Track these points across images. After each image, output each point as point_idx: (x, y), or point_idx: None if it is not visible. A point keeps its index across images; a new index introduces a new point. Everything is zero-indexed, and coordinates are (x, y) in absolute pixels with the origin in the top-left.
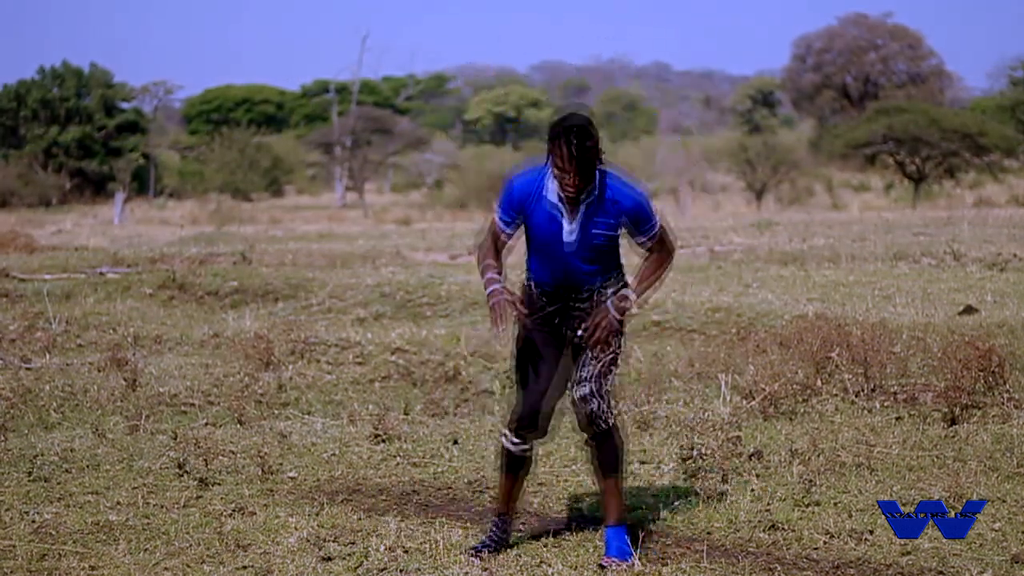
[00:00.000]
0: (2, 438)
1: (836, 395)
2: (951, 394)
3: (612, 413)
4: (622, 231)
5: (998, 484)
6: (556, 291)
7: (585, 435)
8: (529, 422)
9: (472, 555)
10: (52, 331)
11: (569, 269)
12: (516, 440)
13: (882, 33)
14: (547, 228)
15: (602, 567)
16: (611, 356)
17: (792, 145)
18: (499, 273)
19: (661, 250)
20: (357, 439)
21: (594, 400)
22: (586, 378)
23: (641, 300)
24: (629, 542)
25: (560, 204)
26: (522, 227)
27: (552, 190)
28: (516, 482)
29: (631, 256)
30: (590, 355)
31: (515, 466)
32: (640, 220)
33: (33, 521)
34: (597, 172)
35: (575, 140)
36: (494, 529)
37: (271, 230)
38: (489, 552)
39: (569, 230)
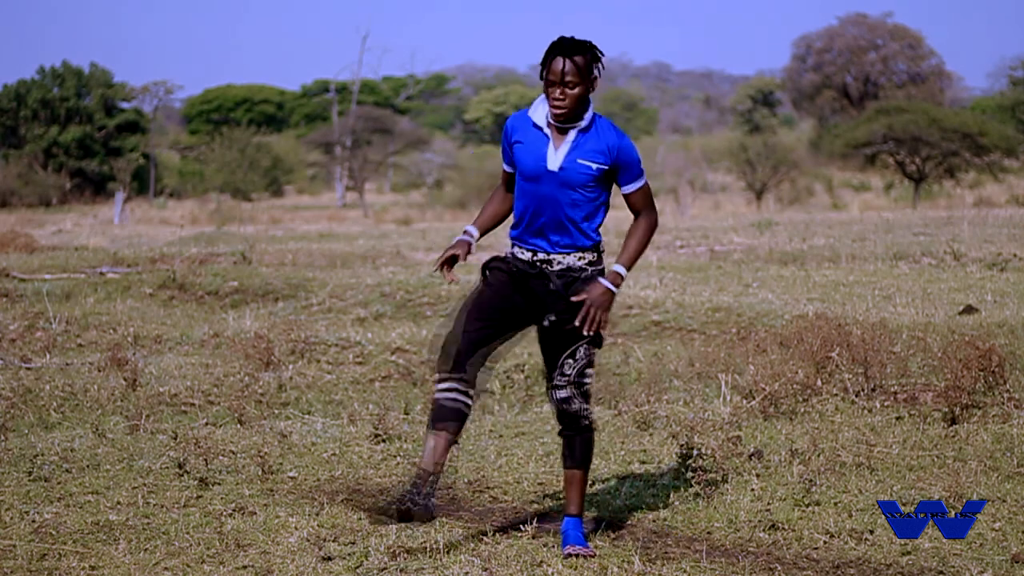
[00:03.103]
0: (2, 438)
1: (836, 395)
2: (951, 394)
3: (591, 410)
4: (606, 180)
5: (998, 484)
6: (533, 238)
7: (560, 428)
8: (449, 358)
9: (398, 509)
10: (52, 331)
11: (551, 205)
12: (439, 385)
13: (882, 33)
14: (533, 153)
15: (578, 556)
16: (590, 356)
17: (792, 145)
18: (478, 229)
19: (648, 212)
20: (357, 439)
21: (575, 401)
22: (566, 381)
23: (629, 265)
24: (584, 534)
25: (547, 128)
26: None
27: (541, 114)
28: (440, 439)
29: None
30: (568, 353)
31: (439, 417)
32: (630, 163)
33: (33, 521)
34: (591, 112)
35: (568, 51)
36: (412, 486)
37: (271, 230)
38: (408, 507)
39: (554, 156)
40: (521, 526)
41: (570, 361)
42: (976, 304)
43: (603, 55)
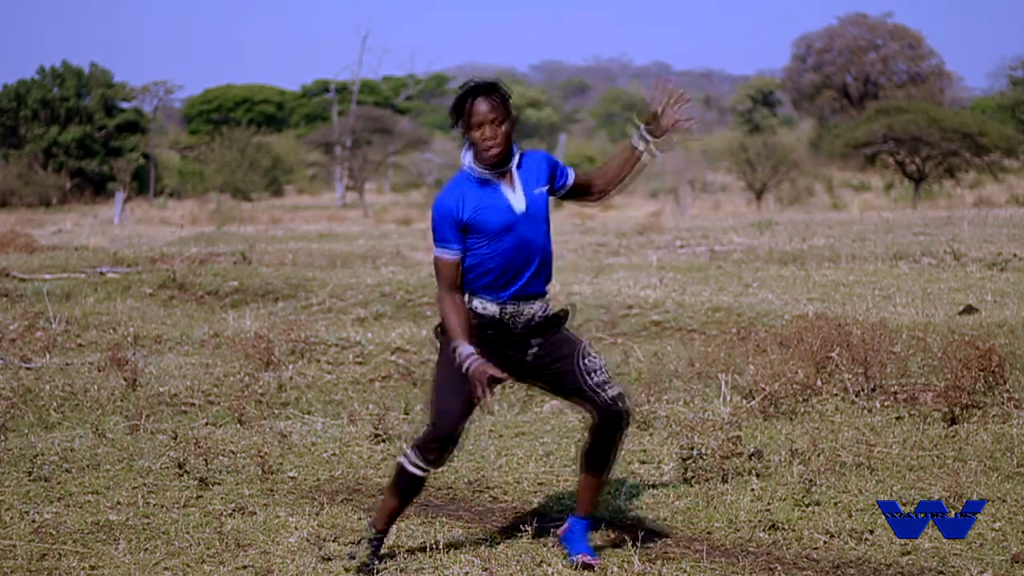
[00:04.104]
0: (2, 438)
1: (836, 395)
2: (951, 394)
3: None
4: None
5: (998, 484)
6: (518, 293)
7: (602, 432)
8: (443, 447)
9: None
10: (52, 331)
11: (532, 249)
12: (423, 465)
13: (882, 33)
14: (496, 207)
15: (589, 567)
16: (596, 354)
17: (792, 145)
18: (469, 337)
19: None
20: (357, 439)
21: (624, 397)
22: (606, 378)
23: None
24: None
25: (495, 179)
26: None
27: (479, 172)
28: (406, 505)
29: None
30: (580, 355)
31: (411, 490)
32: (557, 163)
33: (33, 521)
34: (515, 147)
35: (484, 91)
36: (372, 546)
37: (271, 230)
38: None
39: (518, 200)
40: (521, 526)
41: (589, 361)
42: (976, 304)
43: (511, 94)
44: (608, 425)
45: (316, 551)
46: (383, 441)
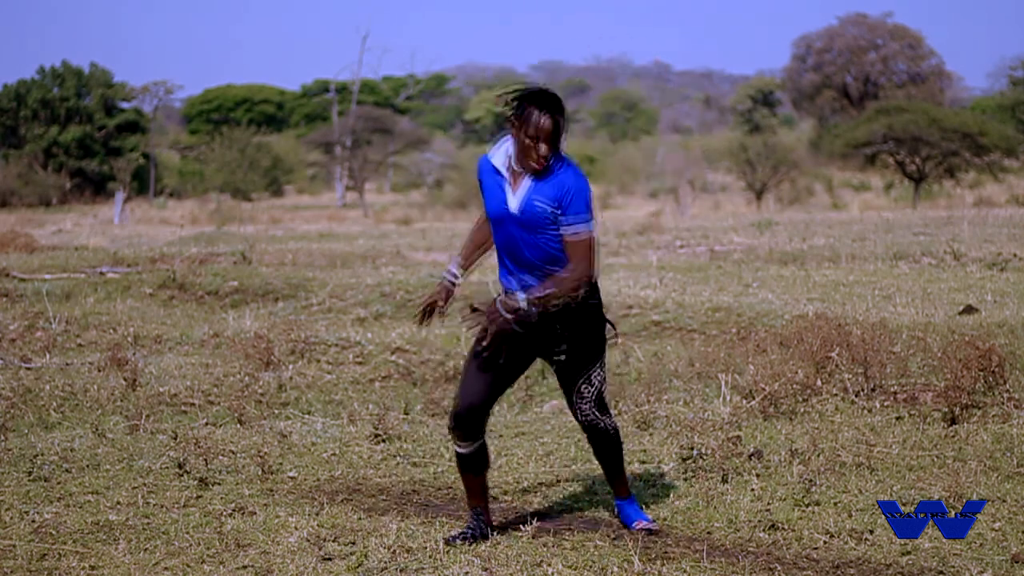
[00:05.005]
0: (2, 438)
1: (836, 395)
2: (951, 394)
3: (610, 418)
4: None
5: (998, 484)
6: (506, 277)
7: (587, 436)
8: (459, 424)
9: (448, 543)
10: (52, 331)
11: (515, 246)
12: (457, 443)
13: (882, 33)
14: (494, 196)
15: (651, 532)
16: (602, 378)
17: (792, 145)
18: (460, 267)
19: (578, 260)
20: (357, 439)
21: (601, 421)
22: (589, 407)
23: (536, 301)
24: (639, 509)
25: (505, 172)
26: None
27: (500, 158)
28: (479, 478)
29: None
30: (584, 379)
31: (466, 466)
32: (573, 203)
33: (33, 521)
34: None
35: (552, 108)
36: (473, 521)
37: (271, 230)
38: (467, 542)
39: (513, 199)
40: (521, 526)
41: (586, 387)
42: (976, 304)
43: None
44: (586, 432)
45: (316, 551)
46: (383, 441)
